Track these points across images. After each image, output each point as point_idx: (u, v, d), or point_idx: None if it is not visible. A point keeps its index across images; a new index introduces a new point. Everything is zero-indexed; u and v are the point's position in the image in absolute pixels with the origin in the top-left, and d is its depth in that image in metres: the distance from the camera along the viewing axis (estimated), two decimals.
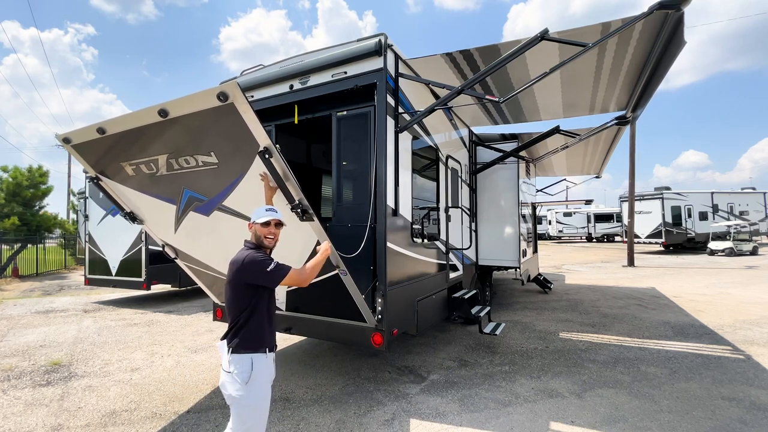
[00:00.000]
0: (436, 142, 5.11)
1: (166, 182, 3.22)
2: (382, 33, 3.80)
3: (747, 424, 3.38)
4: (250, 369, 2.15)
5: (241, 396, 2.12)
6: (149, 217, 3.75)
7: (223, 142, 2.75)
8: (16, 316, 7.92)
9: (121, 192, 3.55)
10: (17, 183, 15.75)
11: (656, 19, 3.49)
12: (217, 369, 4.79)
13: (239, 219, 3.25)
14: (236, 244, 3.55)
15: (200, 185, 3.14)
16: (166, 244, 3.97)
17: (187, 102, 2.57)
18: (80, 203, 16.41)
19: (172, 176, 3.12)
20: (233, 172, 2.94)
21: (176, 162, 3.00)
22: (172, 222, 3.57)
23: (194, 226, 3.53)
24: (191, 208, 3.36)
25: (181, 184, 3.18)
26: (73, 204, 24.52)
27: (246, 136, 2.59)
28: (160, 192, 3.35)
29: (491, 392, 4.04)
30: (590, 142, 7.95)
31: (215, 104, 2.44)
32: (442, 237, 5.26)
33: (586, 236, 34.45)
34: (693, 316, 7.28)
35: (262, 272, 2.21)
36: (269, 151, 2.59)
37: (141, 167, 3.17)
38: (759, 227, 24.77)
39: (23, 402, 4.00)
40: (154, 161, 3.07)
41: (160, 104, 2.63)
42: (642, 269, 14.93)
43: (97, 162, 3.36)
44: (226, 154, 2.83)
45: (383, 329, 3.65)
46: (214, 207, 3.26)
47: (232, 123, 2.54)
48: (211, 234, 3.59)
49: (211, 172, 2.98)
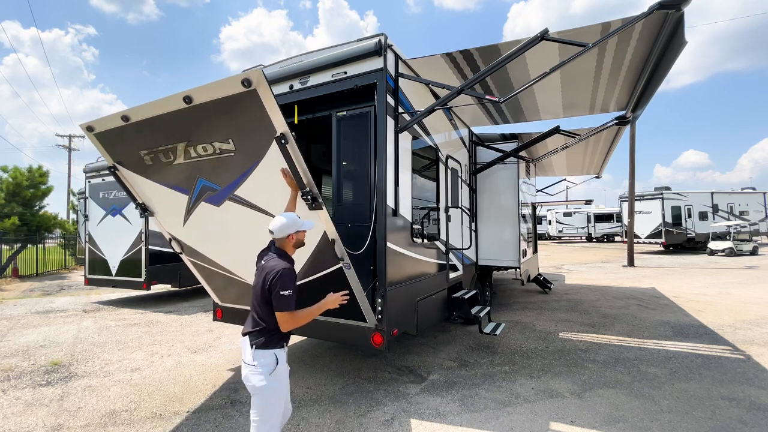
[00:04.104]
0: (436, 142, 5.11)
1: (181, 171, 3.31)
2: (382, 33, 3.79)
3: (747, 424, 3.38)
4: (275, 363, 2.34)
5: (264, 386, 2.30)
6: (160, 208, 3.81)
7: (242, 129, 2.85)
8: (16, 316, 7.92)
9: (136, 182, 3.63)
10: (17, 183, 15.74)
11: (656, 19, 3.49)
12: (218, 369, 4.80)
13: (249, 210, 3.32)
14: (242, 238, 3.56)
15: (214, 174, 3.23)
16: (174, 237, 4.02)
17: (212, 88, 2.69)
18: (80, 203, 16.42)
19: (188, 165, 3.22)
20: (248, 159, 3.01)
21: (194, 150, 3.10)
22: (182, 214, 3.64)
23: (203, 218, 3.59)
24: (203, 198, 3.43)
25: (195, 172, 3.27)
26: (73, 204, 24.55)
27: (264, 123, 2.70)
28: (174, 181, 3.44)
29: (491, 392, 4.04)
30: (590, 142, 7.95)
31: (239, 90, 2.56)
32: (442, 237, 5.26)
33: (586, 236, 34.45)
34: (693, 316, 7.28)
35: (279, 294, 2.32)
36: (285, 137, 2.69)
37: (159, 156, 3.26)
38: (759, 227, 24.78)
39: (23, 402, 4.00)
40: (172, 149, 3.17)
41: (184, 91, 2.75)
42: (642, 269, 14.93)
43: (116, 151, 3.48)
44: (243, 141, 2.91)
45: (383, 329, 3.65)
46: (226, 197, 3.33)
47: (253, 109, 2.65)
48: (219, 227, 3.65)
49: (226, 160, 3.06)
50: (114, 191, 9.31)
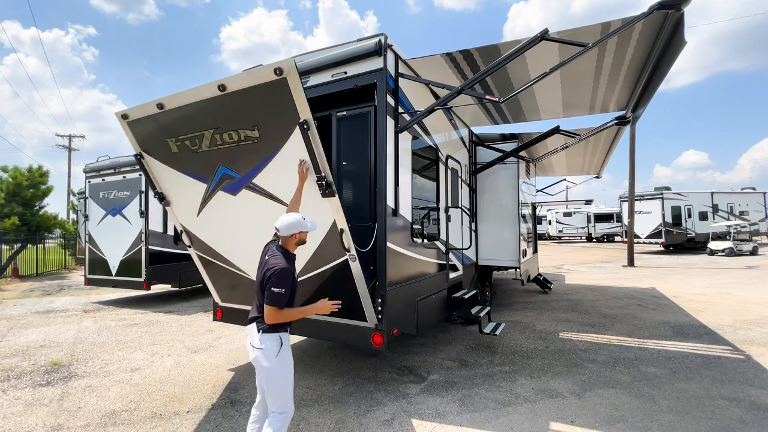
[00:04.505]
0: (436, 142, 5.11)
1: (204, 159, 3.49)
2: (382, 33, 3.80)
3: (747, 424, 3.38)
4: (279, 345, 2.56)
5: (272, 366, 2.53)
6: (177, 197, 3.96)
7: (268, 115, 3.04)
8: (16, 316, 7.92)
9: (159, 170, 3.81)
10: (17, 183, 15.73)
11: (656, 19, 3.49)
12: (218, 369, 4.81)
13: (263, 199, 3.45)
14: (252, 230, 3.72)
15: (236, 161, 3.39)
16: (185, 229, 4.12)
17: (245, 77, 2.90)
18: (80, 203, 16.42)
19: (212, 153, 3.41)
20: (270, 146, 3.18)
21: (220, 137, 3.29)
22: (198, 203, 3.80)
23: (218, 208, 3.73)
24: (221, 187, 3.58)
25: (218, 160, 3.44)
26: (73, 204, 24.53)
27: (290, 110, 2.87)
28: (196, 170, 3.63)
29: (491, 392, 4.04)
30: (590, 142, 7.95)
31: (270, 78, 2.77)
32: (442, 237, 5.26)
33: (586, 236, 34.44)
34: (693, 316, 7.28)
35: (270, 289, 2.48)
36: (308, 123, 2.86)
37: (186, 143, 3.47)
38: (759, 227, 24.77)
39: (23, 402, 4.00)
40: (199, 137, 3.37)
41: (219, 80, 2.99)
42: (642, 269, 14.93)
43: (145, 138, 3.67)
44: (268, 128, 3.09)
45: (383, 329, 3.65)
46: (243, 185, 3.48)
47: (281, 96, 2.84)
48: (231, 218, 3.77)
49: (249, 147, 3.24)
50: (114, 191, 9.29)
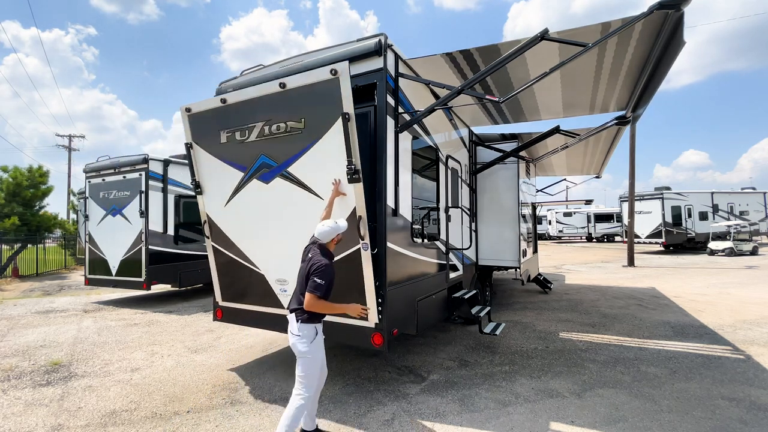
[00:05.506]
0: (436, 142, 5.11)
1: (248, 149, 3.85)
2: (382, 33, 3.80)
3: (747, 424, 3.38)
4: (314, 333, 2.97)
5: (307, 350, 2.93)
6: (210, 186, 4.27)
7: (316, 108, 3.43)
8: (16, 316, 7.92)
9: (202, 159, 4.18)
10: (17, 183, 15.73)
11: (656, 19, 3.49)
12: (218, 369, 4.81)
13: (295, 188, 3.72)
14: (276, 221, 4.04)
15: (276, 151, 3.73)
16: (209, 219, 4.39)
17: (304, 77, 3.42)
18: (80, 203, 16.43)
19: (257, 143, 3.79)
20: (311, 136, 3.52)
21: (269, 128, 3.68)
22: (230, 192, 4.11)
23: (248, 197, 4.02)
24: (257, 175, 3.90)
25: (260, 150, 3.80)
26: (73, 204, 24.53)
27: (336, 104, 3.28)
28: (238, 159, 3.97)
29: (491, 392, 4.04)
30: (590, 142, 7.95)
31: (326, 78, 3.27)
32: (442, 237, 5.26)
33: (586, 236, 34.43)
34: (693, 316, 7.28)
35: (314, 279, 2.87)
36: (349, 115, 3.24)
37: (236, 134, 3.85)
38: (759, 227, 24.77)
39: (23, 402, 4.00)
40: (250, 128, 3.77)
41: (281, 78, 3.50)
42: (642, 269, 14.93)
43: (198, 130, 4.08)
44: (313, 119, 3.48)
45: (383, 329, 3.65)
46: (278, 173, 3.78)
47: (332, 92, 3.28)
48: (258, 208, 4.02)
49: (292, 138, 3.60)
50: (114, 191, 9.28)
